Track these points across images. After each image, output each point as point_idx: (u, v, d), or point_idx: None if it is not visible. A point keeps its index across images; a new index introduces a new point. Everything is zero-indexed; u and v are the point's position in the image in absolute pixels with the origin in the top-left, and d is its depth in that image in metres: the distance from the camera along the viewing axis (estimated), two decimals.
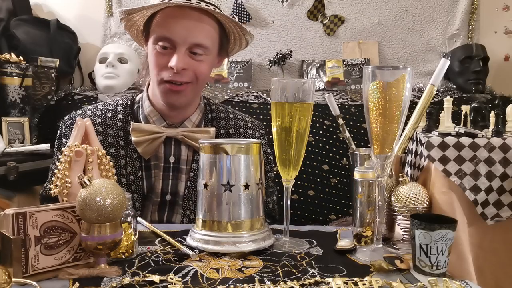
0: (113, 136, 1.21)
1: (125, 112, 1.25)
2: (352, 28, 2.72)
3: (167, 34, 1.12)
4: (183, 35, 1.12)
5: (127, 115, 1.24)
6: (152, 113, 1.23)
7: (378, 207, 0.88)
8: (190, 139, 1.20)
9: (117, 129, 1.22)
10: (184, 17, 1.12)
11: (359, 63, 2.60)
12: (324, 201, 2.20)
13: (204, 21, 1.14)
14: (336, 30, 2.71)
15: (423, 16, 2.73)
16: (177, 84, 1.15)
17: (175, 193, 1.22)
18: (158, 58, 1.15)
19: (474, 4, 2.71)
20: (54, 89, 2.32)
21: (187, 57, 1.13)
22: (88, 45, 2.67)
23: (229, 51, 1.30)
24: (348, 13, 2.72)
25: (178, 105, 1.20)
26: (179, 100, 1.18)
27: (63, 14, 2.65)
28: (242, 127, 1.31)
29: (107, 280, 0.74)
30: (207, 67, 1.19)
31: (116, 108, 1.26)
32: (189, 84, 1.16)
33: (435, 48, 2.73)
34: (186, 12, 1.12)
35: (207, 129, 1.24)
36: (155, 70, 1.16)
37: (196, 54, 1.14)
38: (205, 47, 1.14)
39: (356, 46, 2.71)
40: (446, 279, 0.75)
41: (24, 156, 1.88)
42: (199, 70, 1.16)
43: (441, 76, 1.00)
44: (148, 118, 1.23)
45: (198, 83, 1.18)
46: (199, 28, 1.13)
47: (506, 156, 0.99)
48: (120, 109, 1.26)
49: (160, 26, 1.14)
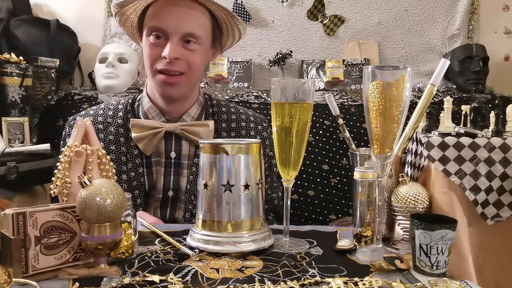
0: (113, 133, 1.23)
1: (126, 110, 1.27)
2: (352, 28, 2.72)
3: (159, 24, 1.14)
4: (175, 25, 1.13)
5: (127, 112, 1.26)
6: (151, 109, 1.25)
7: (378, 207, 0.88)
8: (190, 133, 1.21)
9: (118, 126, 1.24)
10: (175, 7, 1.14)
11: (359, 63, 2.60)
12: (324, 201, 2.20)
13: (197, 9, 1.16)
14: (336, 30, 2.71)
15: (423, 16, 2.73)
16: (171, 75, 1.16)
17: (177, 189, 1.23)
18: (151, 49, 1.17)
19: (474, 4, 2.71)
20: (54, 89, 2.32)
21: (180, 47, 1.15)
22: (88, 45, 2.67)
23: (223, 44, 1.31)
24: (348, 13, 2.72)
25: (174, 97, 1.21)
26: (174, 92, 1.19)
27: (63, 14, 2.65)
28: (244, 120, 1.31)
29: (107, 280, 0.74)
30: (200, 58, 1.20)
31: (117, 107, 1.28)
32: (183, 75, 1.17)
33: (435, 48, 2.73)
34: (178, 2, 1.14)
35: (206, 122, 1.25)
36: (148, 61, 1.18)
37: (190, 43, 1.16)
38: (198, 37, 1.16)
39: (356, 46, 2.71)
40: (446, 279, 0.75)
41: (24, 156, 1.87)
42: (192, 59, 1.17)
43: (441, 76, 1.00)
44: (148, 114, 1.25)
45: (192, 73, 1.19)
46: (191, 17, 1.15)
47: (506, 156, 0.99)
48: (121, 108, 1.27)
49: (153, 18, 1.16)
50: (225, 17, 1.21)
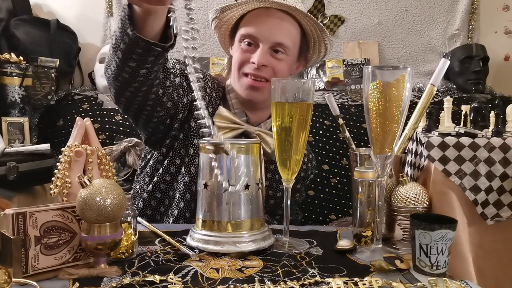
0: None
1: (218, 90, 1.30)
2: (352, 28, 2.72)
3: (252, 32, 1.21)
4: (267, 34, 1.20)
5: (218, 95, 1.29)
6: (236, 104, 1.28)
7: (378, 207, 0.88)
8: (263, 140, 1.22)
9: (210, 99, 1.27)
10: (269, 17, 1.20)
11: (359, 63, 2.60)
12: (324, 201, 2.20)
13: (288, 21, 1.22)
14: (336, 30, 2.71)
15: (423, 16, 2.73)
16: (257, 80, 1.21)
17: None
18: (242, 54, 1.23)
19: (474, 4, 2.71)
20: (54, 89, 2.32)
21: (268, 55, 1.21)
22: (88, 45, 2.67)
23: (308, 59, 1.36)
24: (348, 13, 2.72)
25: (257, 102, 1.26)
26: (258, 97, 1.24)
27: (63, 14, 2.65)
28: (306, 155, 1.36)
29: (107, 280, 0.74)
30: (286, 67, 1.25)
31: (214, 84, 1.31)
32: (267, 82, 1.21)
33: (435, 48, 2.73)
34: (271, 13, 1.21)
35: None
36: (237, 64, 1.24)
37: (278, 52, 1.21)
38: (286, 47, 1.22)
39: (356, 46, 2.71)
40: (446, 279, 0.75)
41: (24, 156, 1.88)
42: (278, 68, 1.22)
43: (441, 76, 1.00)
44: (231, 108, 1.28)
45: None
46: (282, 27, 1.21)
47: (506, 156, 0.99)
48: (216, 87, 1.30)
49: (247, 25, 1.22)
50: (314, 31, 1.26)
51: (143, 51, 0.95)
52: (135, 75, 1.01)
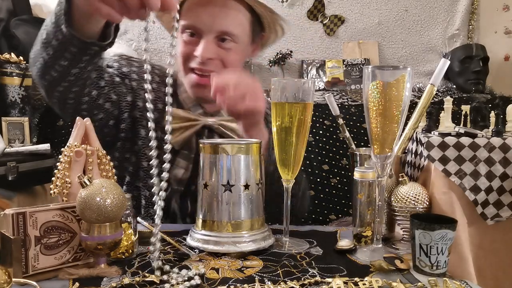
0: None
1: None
2: (352, 28, 2.72)
3: (192, 22, 1.09)
4: (209, 23, 1.07)
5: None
6: (187, 100, 1.18)
7: (378, 207, 0.88)
8: (227, 129, 1.15)
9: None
10: (209, 3, 1.08)
11: (359, 63, 2.60)
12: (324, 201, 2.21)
13: (232, 7, 1.09)
14: (336, 30, 2.71)
15: (423, 16, 2.73)
16: (204, 75, 1.10)
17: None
18: (185, 47, 1.11)
19: (474, 4, 2.71)
20: None
21: (214, 46, 1.09)
22: None
23: (265, 40, 1.24)
24: (348, 13, 2.72)
25: (207, 99, 1.13)
26: (207, 94, 1.06)
27: None
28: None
29: (107, 280, 0.74)
30: (237, 56, 1.13)
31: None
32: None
33: (435, 48, 2.73)
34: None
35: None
36: (181, 59, 1.12)
37: (225, 41, 1.09)
38: (233, 34, 1.09)
39: (356, 46, 2.71)
40: (446, 279, 0.75)
41: (24, 156, 1.88)
42: (227, 59, 1.10)
43: (441, 76, 1.00)
44: (184, 104, 1.18)
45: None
46: (226, 14, 1.08)
47: (506, 156, 0.99)
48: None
49: (186, 15, 1.10)
50: (265, 13, 1.14)
51: (78, 50, 0.87)
52: (65, 74, 0.93)
